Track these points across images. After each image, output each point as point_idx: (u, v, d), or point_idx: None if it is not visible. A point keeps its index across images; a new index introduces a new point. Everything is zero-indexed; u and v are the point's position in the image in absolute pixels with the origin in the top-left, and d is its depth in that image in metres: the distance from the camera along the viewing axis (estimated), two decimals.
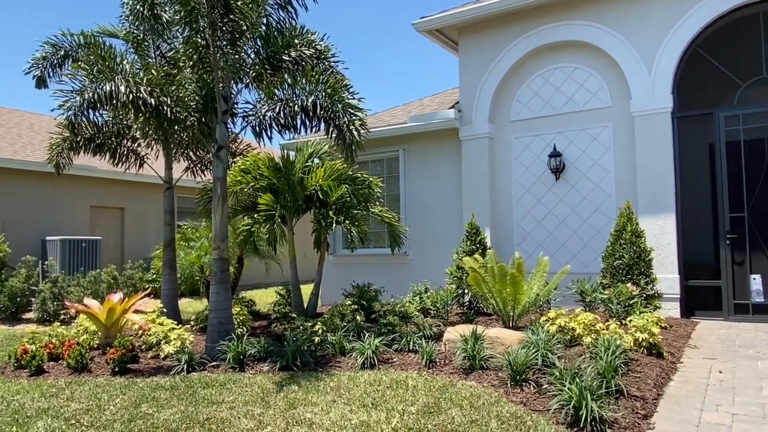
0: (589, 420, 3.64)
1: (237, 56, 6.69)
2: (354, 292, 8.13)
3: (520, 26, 9.13)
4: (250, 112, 7.02)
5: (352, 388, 4.72)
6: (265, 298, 11.33)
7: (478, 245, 8.23)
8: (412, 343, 5.86)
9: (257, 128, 6.83)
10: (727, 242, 7.60)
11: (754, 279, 7.48)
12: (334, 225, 7.73)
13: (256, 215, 7.82)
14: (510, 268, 6.42)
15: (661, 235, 7.84)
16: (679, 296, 7.70)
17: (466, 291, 7.95)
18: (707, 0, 7.70)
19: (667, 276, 7.67)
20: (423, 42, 12.34)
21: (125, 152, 9.00)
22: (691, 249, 8.14)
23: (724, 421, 3.74)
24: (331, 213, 7.65)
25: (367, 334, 5.91)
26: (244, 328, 6.97)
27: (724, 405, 4.06)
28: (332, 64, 7.44)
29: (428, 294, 7.90)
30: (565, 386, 3.91)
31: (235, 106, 7.13)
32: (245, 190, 7.96)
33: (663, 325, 6.42)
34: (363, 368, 5.36)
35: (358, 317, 6.93)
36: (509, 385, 4.52)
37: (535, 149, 9.09)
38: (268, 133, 6.80)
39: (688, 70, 8.03)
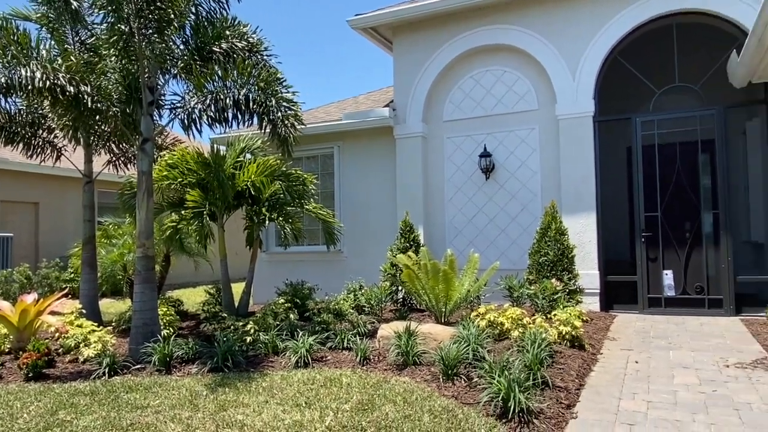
0: (516, 411, 3.76)
1: (164, 46, 6.41)
2: (287, 290, 8.03)
3: (453, 28, 9.32)
4: (178, 104, 6.75)
5: (285, 388, 4.65)
6: (193, 298, 10.96)
7: (411, 243, 8.33)
8: (346, 340, 5.85)
9: (186, 121, 6.58)
10: (643, 240, 8.10)
11: (667, 274, 8.02)
12: (267, 222, 7.59)
13: (183, 212, 7.54)
14: (442, 265, 6.54)
15: (583, 233, 8.24)
16: (599, 291, 8.13)
17: (400, 288, 8.04)
18: (626, 11, 8.15)
19: (588, 272, 8.07)
20: (359, 40, 12.36)
21: (40, 143, 8.42)
22: (610, 246, 8.62)
23: (640, 408, 3.98)
24: (264, 210, 7.51)
25: (300, 333, 5.85)
26: (171, 329, 6.71)
27: (640, 393, 4.32)
28: (265, 57, 7.28)
29: (363, 291, 7.92)
30: (494, 379, 4.02)
31: (162, 97, 6.84)
32: (172, 185, 7.66)
33: (584, 318, 6.75)
34: (297, 367, 5.30)
35: (291, 316, 6.84)
36: (441, 379, 4.61)
37: (466, 149, 9.31)
38: (198, 126, 6.57)
39: (608, 76, 8.48)
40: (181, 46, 6.92)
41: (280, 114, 6.61)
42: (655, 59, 8.35)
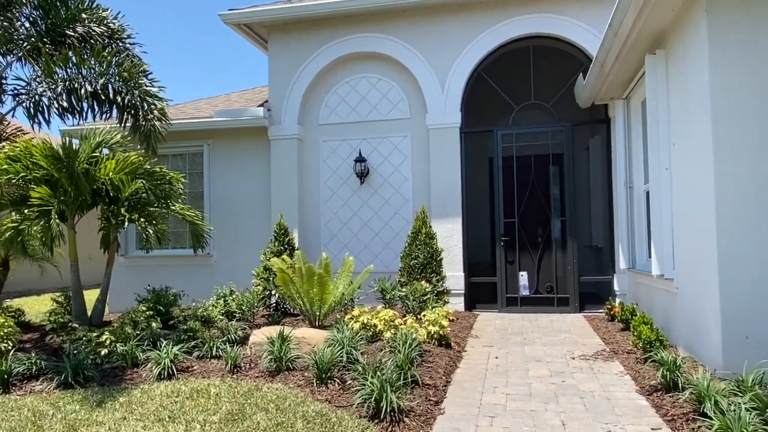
0: (388, 411, 3.85)
1: (8, 24, 5.70)
2: (150, 297, 7.48)
3: (330, 32, 9.35)
4: (23, 91, 6.04)
5: (146, 402, 4.33)
6: (38, 307, 9.82)
7: (286, 246, 8.20)
8: (215, 348, 5.60)
9: (31, 110, 5.91)
10: (502, 244, 8.73)
11: (522, 275, 8.72)
12: (126, 223, 7.00)
13: (27, 211, 6.72)
14: (317, 269, 6.52)
15: (450, 237, 8.68)
16: (463, 292, 8.61)
17: (273, 292, 7.87)
18: (489, 31, 8.73)
19: (454, 274, 8.52)
20: (232, 36, 11.91)
21: None
22: (474, 250, 9.19)
23: (500, 401, 4.28)
24: (123, 210, 6.92)
25: (164, 342, 5.48)
26: (9, 342, 5.94)
27: (500, 387, 4.64)
28: (128, 46, 6.78)
29: (234, 296, 7.63)
30: (367, 380, 4.09)
31: (4, 81, 6.07)
32: (14, 180, 6.79)
33: (451, 318, 7.11)
34: (160, 379, 4.96)
35: (154, 324, 6.39)
36: (315, 384, 4.58)
37: (342, 153, 9.38)
38: (46, 116, 5.94)
39: (474, 90, 9.04)
40: (28, 26, 6.20)
41: (145, 107, 6.17)
42: (514, 77, 9.07)
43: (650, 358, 4.72)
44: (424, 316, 6.34)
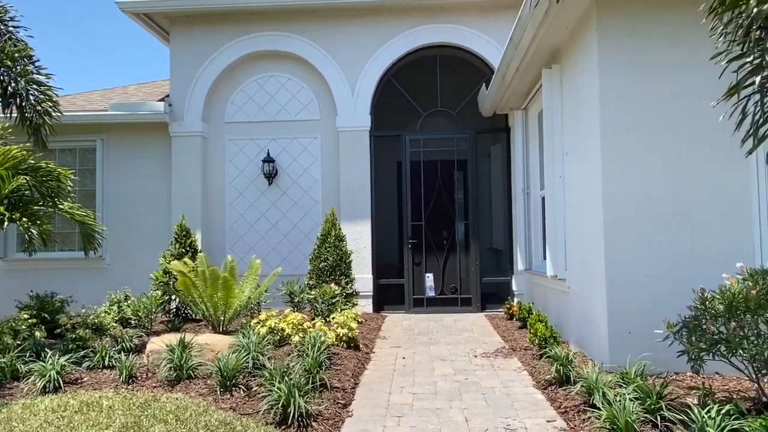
0: (296, 416, 3.80)
1: None
2: (33, 303, 6.87)
3: (237, 28, 9.09)
4: None
5: (28, 418, 3.96)
6: None
7: (188, 248, 7.83)
8: (108, 358, 5.23)
9: None
10: (409, 246, 8.91)
11: (428, 277, 8.95)
12: (6, 223, 6.37)
13: None
14: (222, 272, 6.30)
15: (359, 240, 8.73)
16: (372, 294, 8.69)
17: (173, 297, 7.49)
18: (397, 38, 8.89)
19: (363, 276, 8.57)
20: (131, 25, 11.22)
21: None
22: (383, 252, 9.31)
23: (407, 401, 4.36)
24: (2, 209, 6.30)
25: (50, 353, 5.04)
26: None
27: (407, 386, 4.73)
28: (11, 29, 6.17)
29: (129, 302, 7.17)
30: (274, 386, 4.00)
31: None
32: None
33: (360, 320, 7.14)
34: (45, 393, 4.55)
35: (38, 333, 5.86)
36: (219, 391, 4.41)
37: (249, 153, 9.14)
38: None
39: (383, 95, 9.17)
40: None
41: (30, 97, 5.66)
42: (422, 84, 9.31)
43: (545, 354, 5.02)
44: (333, 318, 6.32)
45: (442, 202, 9.12)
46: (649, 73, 4.79)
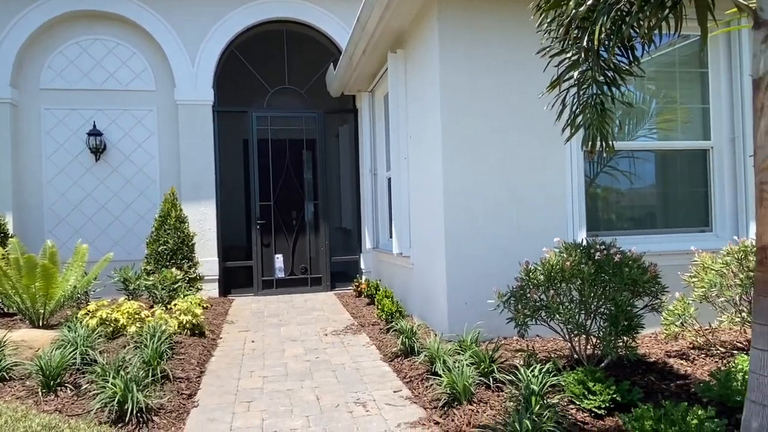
0: (134, 412, 3.52)
1: None
2: None
3: None
4: None
5: None
6: None
7: None
8: None
9: None
10: (258, 227, 8.68)
11: (278, 258, 8.82)
12: None
13: None
14: (40, 259, 5.58)
15: (203, 221, 8.29)
16: (218, 277, 8.34)
17: None
18: (240, 9, 8.50)
19: (208, 259, 8.18)
20: None
21: None
22: (229, 234, 8.96)
23: (257, 384, 4.27)
24: None
25: None
26: None
27: (257, 370, 4.63)
28: None
29: None
30: (108, 382, 3.67)
31: None
32: None
33: (205, 305, 6.82)
34: None
35: None
36: (41, 393, 3.92)
37: (71, 125, 8.15)
38: None
39: (227, 68, 8.73)
40: None
41: None
42: (269, 60, 9.02)
43: (392, 328, 5.25)
44: (175, 305, 5.94)
45: (292, 182, 9.00)
46: (484, 64, 5.15)
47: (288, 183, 8.95)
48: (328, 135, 9.41)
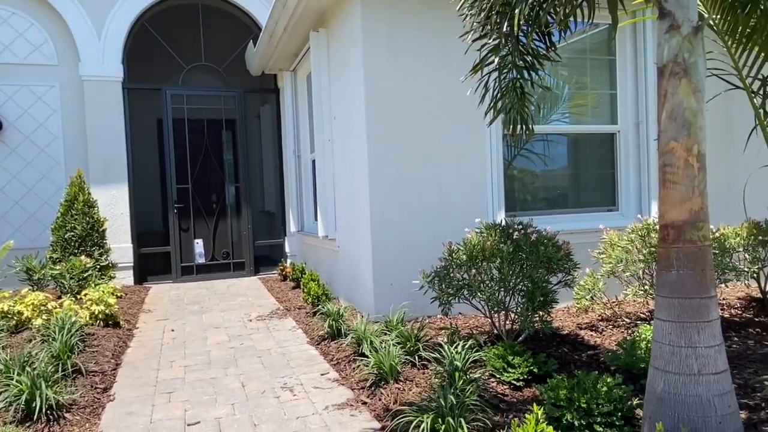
0: (44, 410, 3.31)
1: None
2: None
3: None
4: None
5: None
6: None
7: None
8: None
9: None
10: (175, 211, 8.32)
11: (197, 243, 8.51)
12: None
13: None
14: None
15: (114, 206, 7.83)
16: (132, 264, 7.93)
17: None
18: None
19: (121, 245, 7.76)
20: None
21: None
22: (145, 218, 8.53)
23: (178, 374, 4.12)
24: None
25: None
26: None
27: (178, 360, 4.47)
28: None
29: None
30: (13, 379, 3.41)
31: None
32: None
33: (119, 294, 6.49)
34: None
35: None
36: None
37: None
38: None
39: (138, 42, 8.21)
40: None
41: None
42: (184, 34, 8.58)
43: (318, 311, 5.23)
44: (85, 295, 5.60)
45: (211, 164, 8.68)
46: (408, 46, 5.16)
47: (207, 165, 8.63)
48: (249, 115, 9.13)
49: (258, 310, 6.17)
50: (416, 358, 3.80)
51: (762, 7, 3.26)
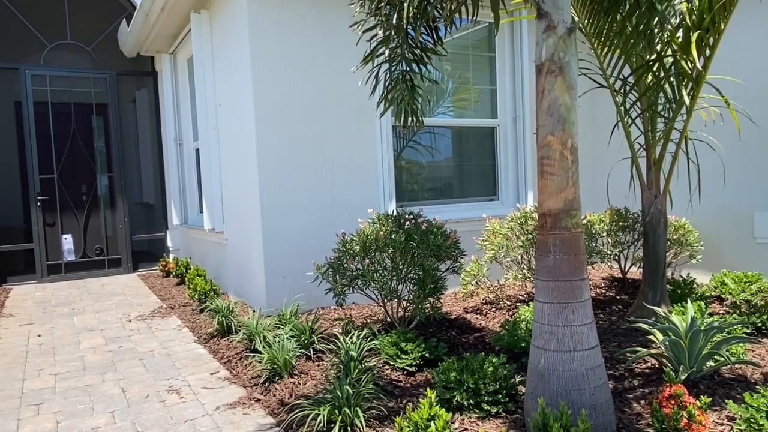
0: None
1: None
2: None
3: None
4: None
5: None
6: None
7: None
8: None
9: None
10: (39, 204, 7.53)
11: (66, 239, 7.77)
12: None
13: None
14: None
15: None
16: None
17: None
18: None
19: None
20: None
21: None
22: (1, 212, 7.62)
23: (48, 384, 3.75)
24: None
25: None
26: None
27: (47, 368, 4.07)
28: None
29: None
30: None
31: None
32: None
33: None
34: None
35: None
36: None
37: None
38: None
39: None
40: None
41: None
42: (46, 9, 7.75)
43: (206, 308, 5.01)
44: None
45: (80, 152, 7.94)
46: (298, 33, 5.05)
47: (75, 153, 7.89)
48: (123, 99, 8.47)
49: (138, 309, 5.78)
50: (311, 350, 3.78)
51: (622, 13, 3.59)
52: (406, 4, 2.75)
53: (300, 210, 5.09)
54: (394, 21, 2.93)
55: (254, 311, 4.79)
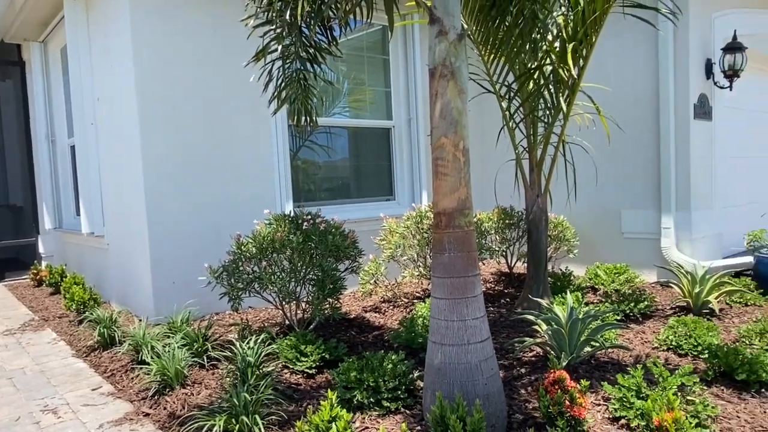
0: None
1: None
2: None
3: None
4: None
5: None
6: None
7: None
8: None
9: None
10: None
11: None
12: None
13: None
14: None
15: None
16: None
17: None
18: None
19: None
20: None
21: None
22: None
23: None
24: None
25: None
26: None
27: None
28: None
29: None
30: None
31: None
32: None
33: None
34: None
35: None
36: None
37: None
38: None
39: None
40: None
41: None
42: None
43: (86, 318, 4.61)
44: None
45: None
46: (186, 25, 4.81)
47: None
48: None
49: (6, 323, 5.21)
50: (205, 358, 3.61)
51: (507, 23, 3.80)
52: (300, 1, 2.71)
53: (191, 211, 4.85)
54: (288, 17, 2.88)
55: (141, 320, 4.49)
